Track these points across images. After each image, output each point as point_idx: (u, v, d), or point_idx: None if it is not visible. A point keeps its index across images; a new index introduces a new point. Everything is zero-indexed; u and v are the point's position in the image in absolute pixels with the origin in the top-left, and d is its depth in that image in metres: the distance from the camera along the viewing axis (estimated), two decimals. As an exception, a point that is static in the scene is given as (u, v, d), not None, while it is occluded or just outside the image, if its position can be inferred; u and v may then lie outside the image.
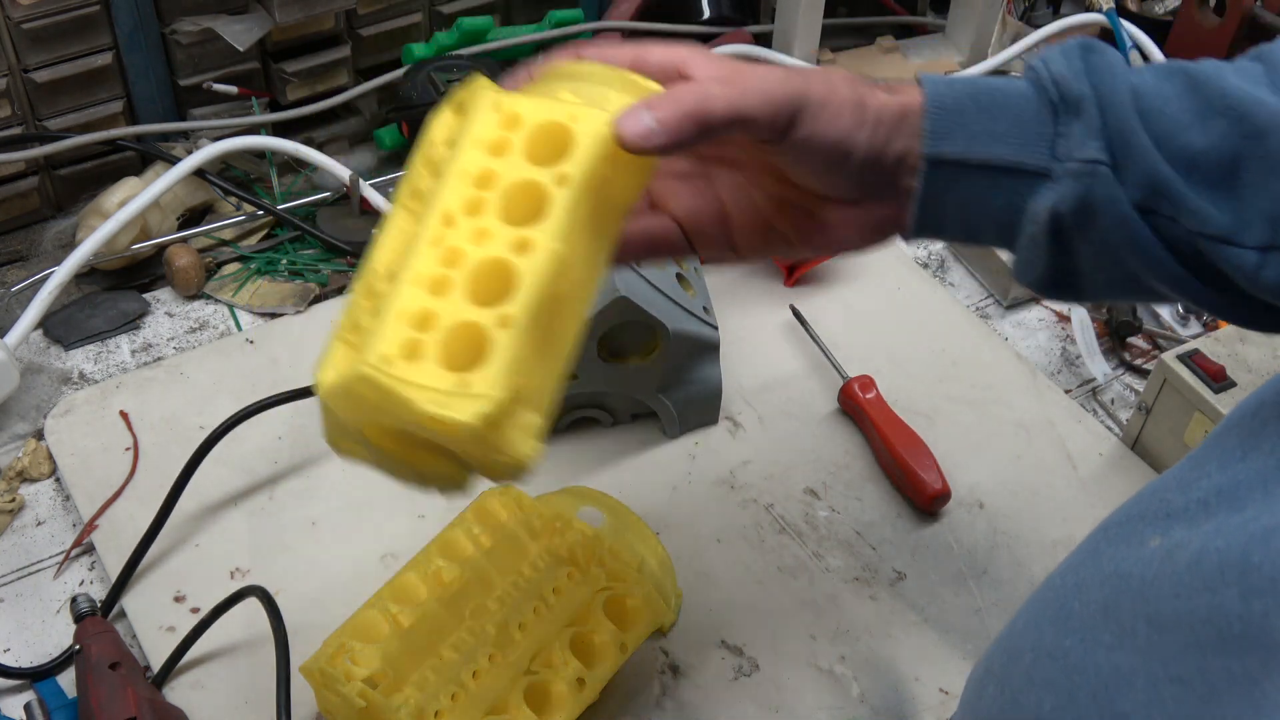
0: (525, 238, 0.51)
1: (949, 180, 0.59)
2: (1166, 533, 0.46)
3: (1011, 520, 0.86)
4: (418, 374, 0.49)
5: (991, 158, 0.58)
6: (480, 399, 0.48)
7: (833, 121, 0.56)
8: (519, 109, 0.54)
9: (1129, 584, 0.45)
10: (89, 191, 1.02)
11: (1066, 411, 0.93)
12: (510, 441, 0.50)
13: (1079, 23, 1.21)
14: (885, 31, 1.26)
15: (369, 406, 0.50)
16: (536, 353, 0.52)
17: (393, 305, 0.51)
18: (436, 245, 0.52)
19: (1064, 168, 0.57)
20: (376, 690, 0.67)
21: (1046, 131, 0.58)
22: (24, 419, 0.90)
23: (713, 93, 0.53)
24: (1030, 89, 0.59)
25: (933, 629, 0.80)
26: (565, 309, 0.53)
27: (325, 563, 0.81)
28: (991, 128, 0.58)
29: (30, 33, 0.95)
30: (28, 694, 0.74)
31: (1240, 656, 0.39)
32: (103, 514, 0.83)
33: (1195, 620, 0.41)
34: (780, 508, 0.86)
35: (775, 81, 0.55)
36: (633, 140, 0.52)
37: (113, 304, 0.97)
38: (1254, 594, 0.39)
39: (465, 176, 0.53)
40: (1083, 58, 0.58)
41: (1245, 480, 0.45)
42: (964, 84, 0.59)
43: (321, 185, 1.07)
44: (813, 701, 0.76)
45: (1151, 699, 0.41)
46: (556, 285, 0.52)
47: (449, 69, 1.09)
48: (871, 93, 0.58)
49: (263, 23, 1.03)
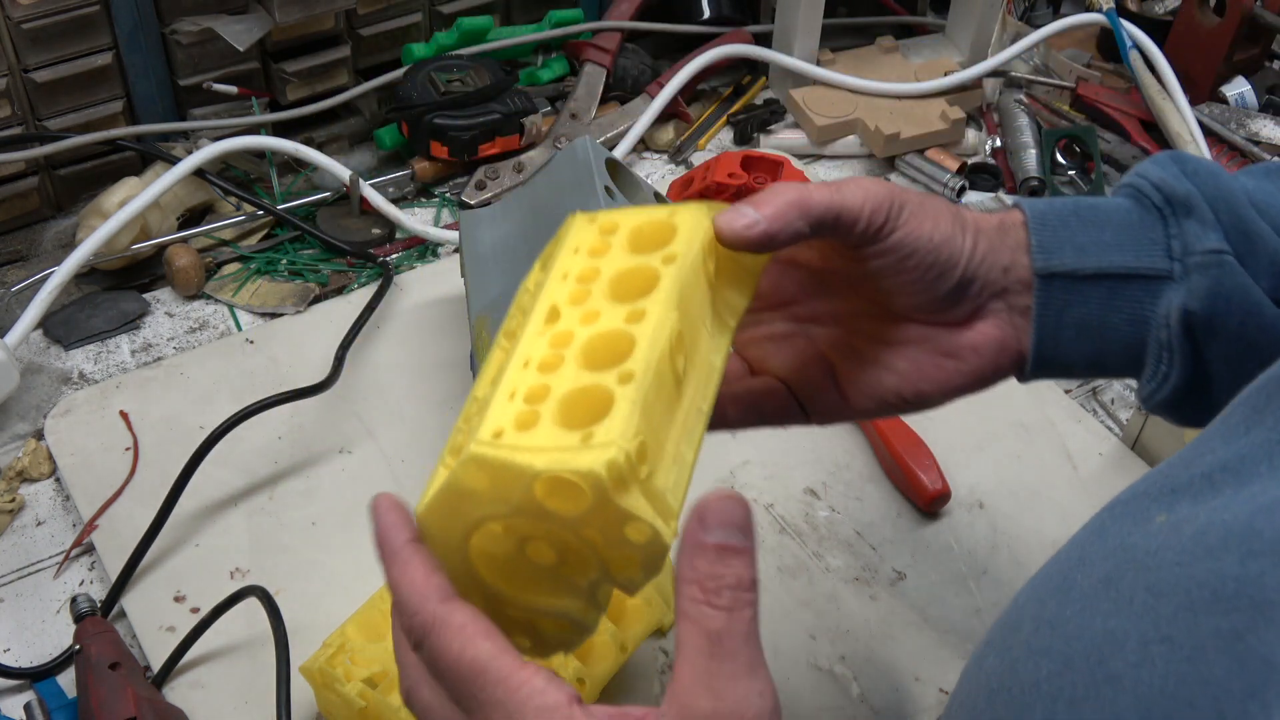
0: (637, 309, 0.48)
1: (1065, 295, 0.57)
2: (1172, 508, 0.46)
3: (1011, 520, 0.86)
4: (533, 438, 0.44)
5: (1106, 266, 0.57)
6: (606, 446, 0.43)
7: (933, 222, 0.56)
8: (615, 218, 0.53)
9: (1132, 556, 0.45)
10: (89, 191, 1.02)
11: (1066, 411, 0.94)
12: (643, 508, 0.44)
13: (1079, 23, 1.21)
14: (885, 31, 1.26)
15: (482, 502, 0.45)
16: (663, 421, 0.47)
17: (498, 392, 0.47)
18: (542, 335, 0.49)
19: (1187, 264, 0.56)
20: (376, 690, 0.67)
21: (1158, 235, 0.57)
22: (24, 419, 0.90)
23: (811, 190, 0.53)
24: (1129, 201, 0.58)
25: (933, 629, 0.80)
26: (686, 391, 0.50)
27: (325, 563, 0.81)
28: (1099, 238, 0.57)
29: (30, 33, 0.95)
30: (28, 694, 0.74)
31: (1229, 615, 0.39)
32: (103, 514, 0.83)
33: (1192, 584, 0.41)
34: (780, 508, 0.86)
35: (872, 182, 0.55)
36: (737, 232, 0.51)
37: (113, 304, 0.97)
38: (1252, 557, 0.39)
39: (566, 277, 0.51)
40: (1177, 163, 0.57)
41: (1250, 454, 0.45)
42: (1061, 201, 0.59)
43: (321, 185, 1.07)
44: (813, 701, 0.76)
45: (1141, 659, 0.41)
46: (674, 355, 0.48)
47: (449, 69, 1.09)
48: (965, 209, 0.58)
49: (263, 23, 1.03)
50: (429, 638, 0.46)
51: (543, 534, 0.46)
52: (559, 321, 0.49)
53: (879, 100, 1.17)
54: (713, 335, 0.52)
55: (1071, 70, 1.24)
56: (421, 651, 0.46)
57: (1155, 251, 0.57)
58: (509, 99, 1.09)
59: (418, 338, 0.96)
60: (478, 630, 0.45)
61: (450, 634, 0.45)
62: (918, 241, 0.55)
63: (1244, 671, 0.37)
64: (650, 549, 0.45)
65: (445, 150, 1.07)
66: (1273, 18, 1.18)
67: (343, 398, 0.90)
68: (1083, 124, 1.16)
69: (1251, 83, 1.21)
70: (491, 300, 0.82)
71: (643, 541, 0.45)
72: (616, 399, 0.45)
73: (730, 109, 1.19)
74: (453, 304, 0.98)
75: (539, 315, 0.49)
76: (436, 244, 1.05)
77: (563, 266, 0.51)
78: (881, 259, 0.56)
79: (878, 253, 0.56)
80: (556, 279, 0.51)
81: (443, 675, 0.46)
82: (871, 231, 0.55)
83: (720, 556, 0.44)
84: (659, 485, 0.45)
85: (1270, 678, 0.37)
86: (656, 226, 0.52)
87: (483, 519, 0.46)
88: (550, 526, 0.45)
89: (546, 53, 1.20)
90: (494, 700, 0.44)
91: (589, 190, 0.82)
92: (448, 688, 0.46)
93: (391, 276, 0.99)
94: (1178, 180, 0.57)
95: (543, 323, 0.49)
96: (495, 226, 0.88)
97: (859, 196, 0.54)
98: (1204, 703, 0.38)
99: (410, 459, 0.87)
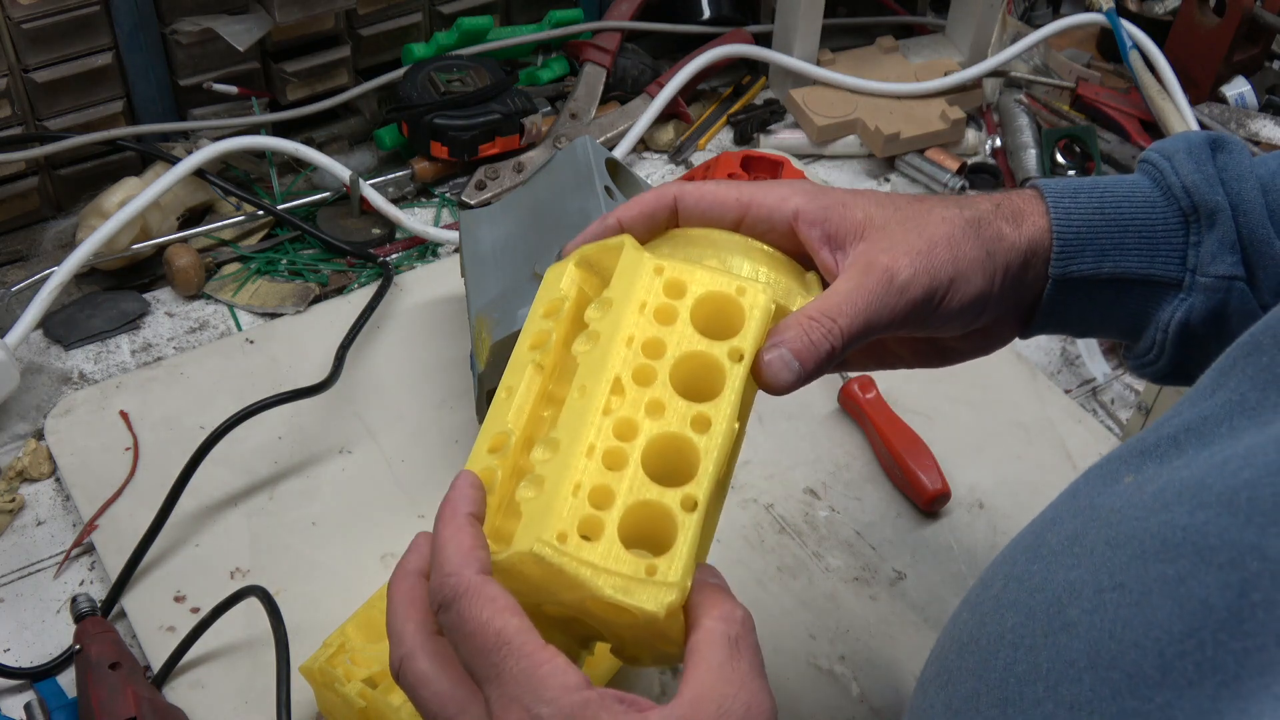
0: (703, 414, 0.50)
1: (1074, 293, 0.59)
2: (1139, 469, 0.47)
3: (1011, 520, 0.86)
4: (598, 555, 0.47)
5: (1120, 272, 0.58)
6: (668, 588, 0.47)
7: (964, 293, 0.56)
8: (682, 277, 0.53)
9: (1098, 514, 0.46)
10: (89, 191, 1.02)
11: (1066, 411, 0.93)
12: (680, 631, 0.48)
13: (1079, 22, 1.21)
14: (885, 31, 1.26)
15: (531, 584, 0.48)
16: (709, 529, 0.50)
17: (564, 477, 0.49)
18: (607, 415, 0.50)
19: (1198, 282, 0.57)
20: (376, 690, 0.67)
21: (1178, 242, 0.57)
22: (24, 419, 0.90)
23: (842, 318, 0.54)
24: (1157, 194, 0.58)
25: (933, 629, 0.80)
26: (724, 486, 0.53)
27: (325, 563, 0.81)
28: (1121, 240, 0.58)
29: (30, 33, 0.95)
30: (28, 694, 0.74)
31: (1175, 562, 0.40)
32: (103, 514, 0.83)
33: (1146, 536, 0.42)
34: (780, 508, 0.86)
35: (898, 290, 0.55)
36: (780, 388, 0.53)
37: (113, 304, 0.97)
38: (1201, 508, 0.41)
39: (631, 343, 0.52)
40: (1214, 159, 0.58)
41: (1212, 415, 0.46)
42: (1089, 194, 0.59)
43: (321, 185, 1.07)
44: (813, 701, 0.76)
45: (1095, 606, 0.42)
46: (731, 464, 0.51)
47: (449, 69, 1.09)
48: (995, 233, 0.57)
49: (263, 23, 1.03)
50: (460, 599, 0.47)
51: (579, 615, 0.50)
52: (623, 402, 0.50)
53: (879, 100, 1.17)
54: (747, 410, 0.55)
55: (1071, 70, 1.24)
56: (447, 613, 0.47)
57: (1171, 260, 0.58)
58: (509, 99, 1.09)
59: (418, 338, 0.96)
60: (508, 605, 0.47)
61: (482, 602, 0.46)
62: (946, 318, 0.57)
63: (1183, 614, 0.39)
64: (678, 654, 0.49)
65: (445, 150, 1.07)
66: (1273, 18, 1.18)
67: (343, 398, 0.90)
68: (1083, 124, 1.16)
69: (1251, 83, 1.21)
70: (491, 300, 0.82)
71: (674, 651, 0.49)
72: (679, 530, 0.48)
73: (730, 109, 1.19)
74: (453, 304, 0.98)
75: (603, 384, 0.50)
76: (436, 244, 1.05)
77: (628, 327, 0.52)
78: (913, 331, 0.58)
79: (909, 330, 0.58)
80: (621, 342, 0.52)
81: (464, 640, 0.47)
82: (904, 330, 0.56)
83: None
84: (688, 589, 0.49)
85: (1207, 618, 0.38)
86: (724, 303, 0.53)
87: (525, 598, 0.48)
88: (589, 619, 0.49)
89: (546, 53, 1.20)
90: (516, 671, 0.45)
91: (589, 190, 0.82)
92: (466, 654, 0.47)
93: (391, 276, 0.99)
94: (1210, 187, 0.57)
95: (606, 394, 0.50)
96: (495, 226, 0.88)
97: (886, 316, 0.54)
98: (1147, 643, 0.39)
99: (410, 459, 0.87)
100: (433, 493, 0.48)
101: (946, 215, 0.57)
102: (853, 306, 0.54)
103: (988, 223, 0.58)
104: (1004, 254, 0.57)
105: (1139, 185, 0.59)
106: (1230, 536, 0.39)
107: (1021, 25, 1.29)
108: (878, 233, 0.56)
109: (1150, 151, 0.61)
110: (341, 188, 1.04)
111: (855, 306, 0.54)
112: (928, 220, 0.57)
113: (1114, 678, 0.40)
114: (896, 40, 1.24)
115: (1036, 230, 0.58)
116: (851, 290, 0.55)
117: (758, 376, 0.53)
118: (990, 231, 0.57)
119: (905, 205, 0.58)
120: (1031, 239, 0.58)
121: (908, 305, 0.55)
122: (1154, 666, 0.39)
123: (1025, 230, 0.58)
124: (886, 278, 0.55)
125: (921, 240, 0.56)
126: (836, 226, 0.56)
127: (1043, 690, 0.43)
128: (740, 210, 0.57)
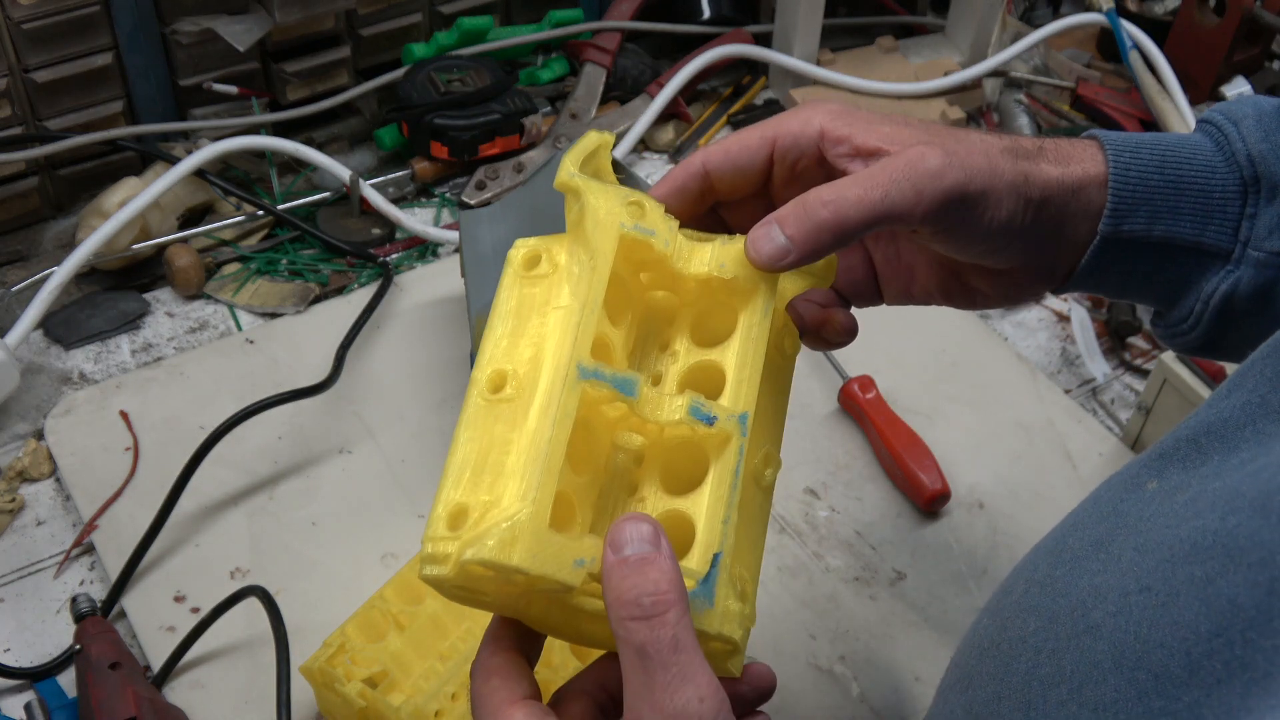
0: None
1: (1120, 253, 0.56)
2: (1162, 474, 0.47)
3: (1011, 520, 0.86)
4: None
5: (1171, 236, 0.56)
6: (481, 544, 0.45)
7: (994, 213, 0.53)
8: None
9: (1124, 520, 0.46)
10: (89, 191, 1.02)
11: (1066, 411, 0.93)
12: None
13: (1079, 23, 1.21)
14: (885, 31, 1.26)
15: (496, 583, 0.47)
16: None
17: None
18: None
19: (1249, 255, 0.55)
20: (376, 690, 0.67)
21: (1233, 211, 0.55)
22: (24, 419, 0.90)
23: (848, 200, 0.50)
24: (1219, 158, 0.56)
25: (933, 629, 0.80)
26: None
27: (325, 563, 0.81)
28: (1176, 204, 0.55)
29: (30, 33, 0.95)
30: (28, 694, 0.74)
31: (1204, 563, 0.40)
32: (103, 514, 0.83)
33: (1176, 541, 0.42)
34: (780, 508, 0.86)
35: (928, 174, 0.51)
36: (764, 261, 0.50)
37: (113, 304, 0.97)
38: (1232, 513, 0.40)
39: None
40: None
41: (1231, 418, 0.46)
42: (1150, 150, 0.56)
43: (321, 185, 1.07)
44: (813, 701, 0.76)
45: (1120, 608, 0.42)
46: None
47: (449, 69, 1.09)
48: (1036, 166, 0.54)
49: (263, 23, 1.03)
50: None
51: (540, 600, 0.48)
52: None
53: (879, 100, 1.16)
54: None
55: (1071, 70, 1.24)
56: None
57: (1225, 229, 0.56)
58: (509, 99, 1.09)
59: (418, 338, 0.96)
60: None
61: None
62: (970, 234, 0.53)
63: (1211, 613, 0.39)
64: (727, 655, 0.50)
65: (445, 150, 1.07)
66: (1273, 18, 1.18)
67: (343, 398, 0.90)
68: (1083, 124, 1.16)
69: (1251, 83, 1.21)
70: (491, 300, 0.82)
71: (721, 650, 0.49)
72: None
73: (730, 109, 1.19)
74: (453, 304, 0.98)
75: None
76: (436, 244, 1.05)
77: None
78: (930, 240, 0.55)
79: (926, 236, 0.54)
80: None
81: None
82: (926, 231, 0.53)
83: (634, 568, 0.44)
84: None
85: (1235, 617, 0.38)
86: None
87: (507, 595, 0.48)
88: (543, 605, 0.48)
89: (546, 53, 1.20)
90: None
91: (589, 190, 0.82)
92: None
93: (391, 276, 0.99)
94: (1276, 158, 0.55)
95: None
96: (495, 226, 0.88)
97: (910, 198, 0.51)
98: (1174, 643, 0.39)
99: (410, 459, 0.87)
100: (432, 493, 0.48)
101: (985, 138, 0.55)
102: (870, 180, 0.50)
103: (1029, 155, 0.55)
104: (1041, 188, 0.54)
105: (1201, 147, 0.57)
106: (1261, 537, 0.39)
107: (1021, 25, 1.29)
108: (909, 140, 0.53)
109: (1214, 112, 0.58)
110: (341, 188, 1.04)
111: (874, 180, 0.50)
112: (965, 137, 0.54)
113: (1140, 678, 0.40)
114: (896, 40, 1.23)
115: (1085, 177, 0.55)
116: (874, 170, 0.51)
117: (750, 257, 0.51)
118: (1030, 164, 0.54)
119: (938, 127, 0.55)
120: (1079, 182, 0.55)
121: (939, 195, 0.51)
122: (1181, 666, 0.38)
123: (1072, 172, 0.55)
124: (916, 158, 0.51)
125: (958, 145, 0.53)
126: (864, 139, 0.53)
127: (1066, 693, 0.43)
128: (767, 146, 0.55)
